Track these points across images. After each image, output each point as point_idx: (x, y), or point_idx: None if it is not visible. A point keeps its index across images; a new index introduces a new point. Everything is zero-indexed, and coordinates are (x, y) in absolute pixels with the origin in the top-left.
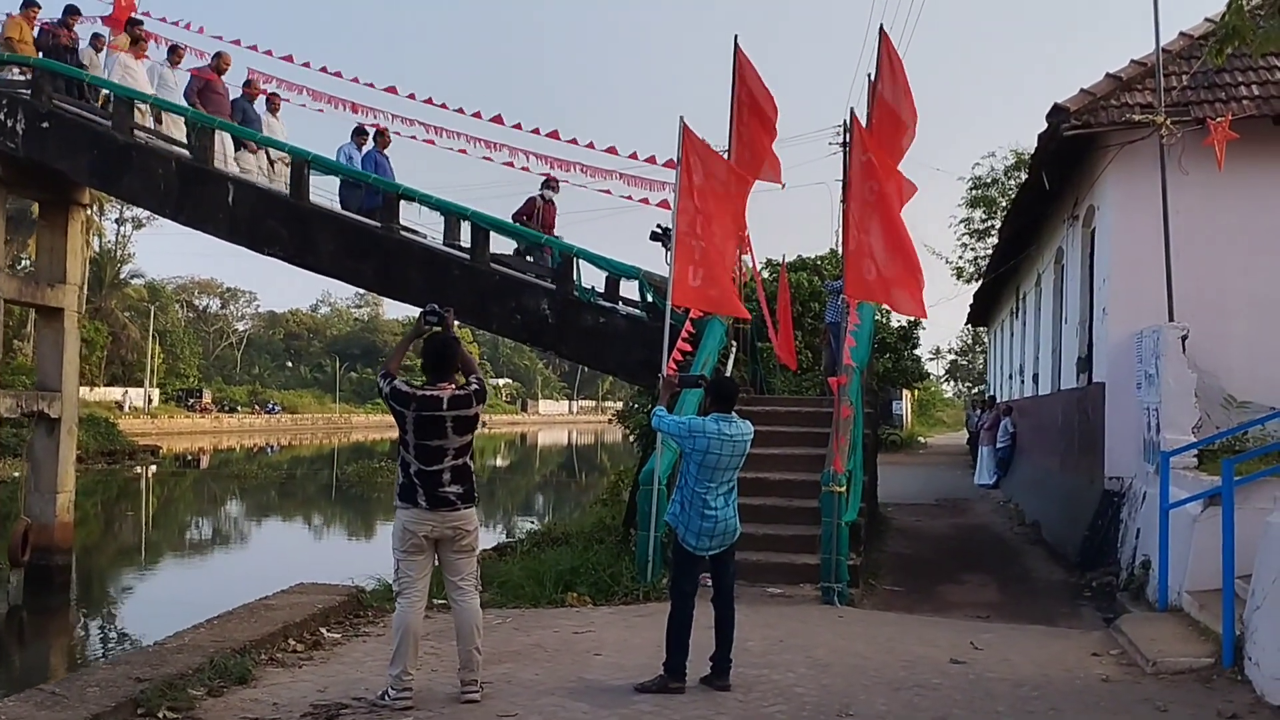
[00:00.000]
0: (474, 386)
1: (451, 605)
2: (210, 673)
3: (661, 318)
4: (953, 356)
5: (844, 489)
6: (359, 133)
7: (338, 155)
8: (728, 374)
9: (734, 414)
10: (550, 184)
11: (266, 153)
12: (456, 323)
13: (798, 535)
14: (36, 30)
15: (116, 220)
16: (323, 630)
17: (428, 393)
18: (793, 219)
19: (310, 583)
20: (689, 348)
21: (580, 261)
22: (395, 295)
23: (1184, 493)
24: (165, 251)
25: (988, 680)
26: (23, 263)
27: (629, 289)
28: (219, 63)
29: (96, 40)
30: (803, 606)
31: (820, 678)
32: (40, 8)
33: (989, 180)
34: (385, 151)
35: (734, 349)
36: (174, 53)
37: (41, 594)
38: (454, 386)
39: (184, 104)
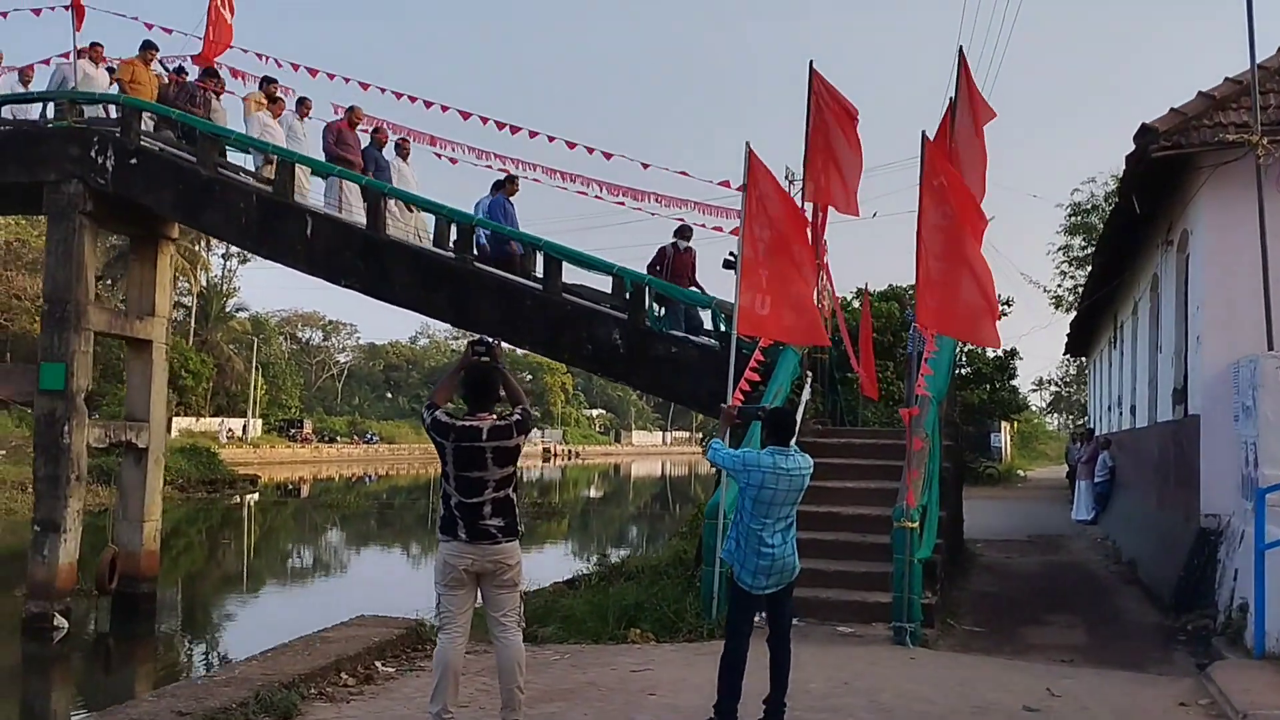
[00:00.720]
0: (515, 417)
1: (494, 642)
2: (255, 707)
3: (738, 348)
4: (1055, 388)
5: (916, 524)
6: (509, 181)
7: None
8: (802, 406)
9: (793, 447)
10: (683, 232)
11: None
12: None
13: (870, 572)
14: (167, 83)
15: (223, 255)
16: (377, 664)
17: (467, 423)
18: (883, 247)
19: (371, 615)
20: (757, 377)
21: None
22: (468, 325)
23: None
24: (270, 285)
25: None
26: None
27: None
28: (351, 115)
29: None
30: (873, 647)
31: None
32: (158, 50)
33: (1089, 206)
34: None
35: (809, 379)
36: (302, 104)
37: (127, 621)
38: (494, 417)
39: (311, 155)
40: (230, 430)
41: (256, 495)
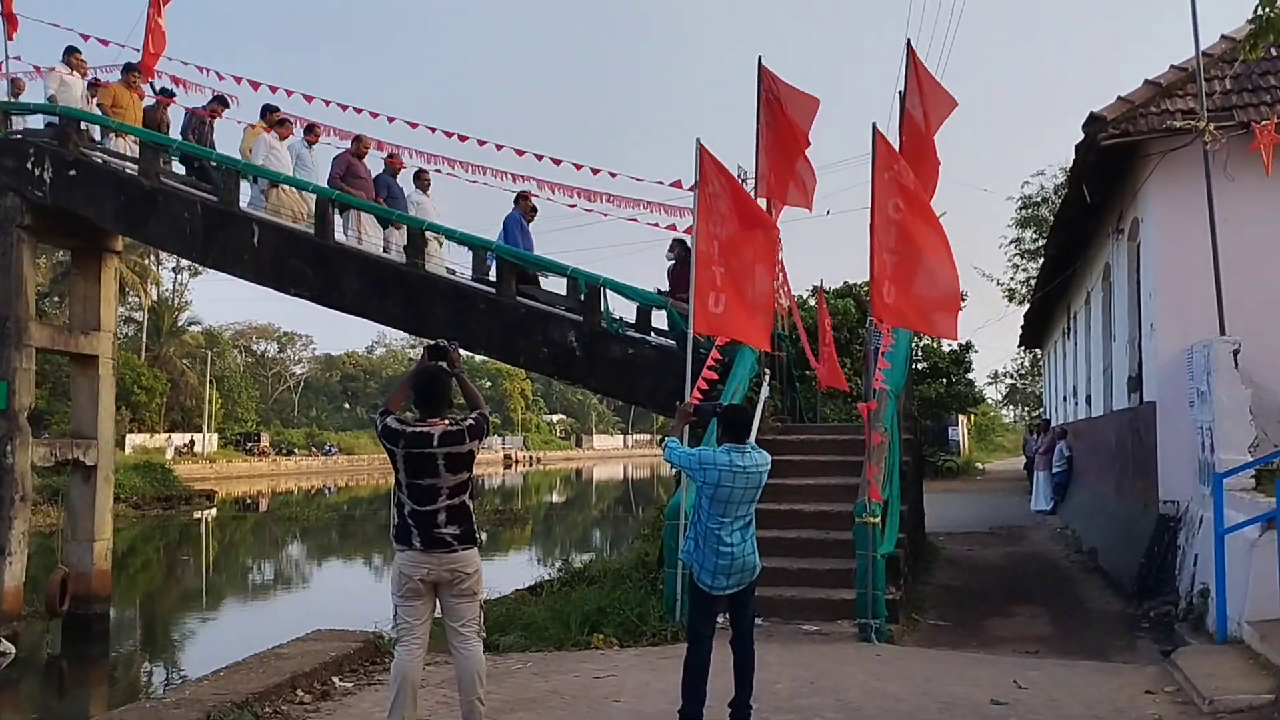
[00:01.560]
0: (469, 422)
1: (453, 653)
2: None
3: (694, 348)
4: (1011, 381)
5: (878, 520)
6: (522, 198)
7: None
8: (761, 403)
9: (750, 444)
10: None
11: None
12: (479, 356)
13: (834, 569)
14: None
15: (174, 269)
16: (334, 679)
17: (418, 429)
18: (840, 244)
19: (328, 629)
20: (715, 376)
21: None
22: (421, 331)
23: (1240, 516)
24: (223, 298)
25: None
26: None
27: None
28: (359, 145)
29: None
30: (838, 644)
31: None
32: (139, 74)
33: (1039, 199)
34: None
35: (768, 377)
36: (310, 131)
37: (80, 644)
38: (447, 422)
39: (318, 182)
40: (180, 445)
41: (214, 511)
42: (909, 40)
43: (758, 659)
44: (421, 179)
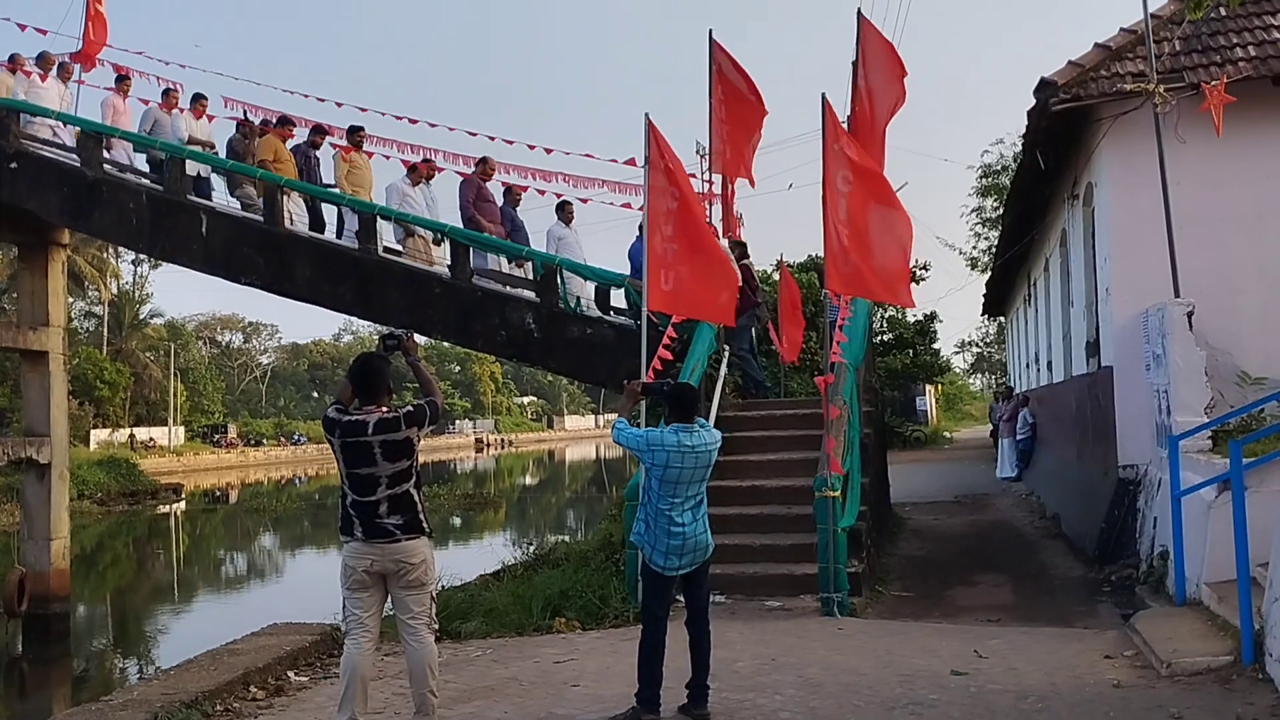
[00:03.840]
0: (406, 409)
1: (404, 645)
2: None
3: (652, 325)
4: (977, 349)
5: (839, 493)
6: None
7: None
8: (720, 380)
9: (699, 422)
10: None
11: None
12: (439, 341)
13: (796, 544)
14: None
15: (133, 261)
16: (289, 674)
17: (353, 418)
18: (803, 218)
19: (285, 622)
20: (670, 356)
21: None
22: (375, 317)
23: (1197, 477)
24: (185, 289)
25: (989, 693)
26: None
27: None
28: (485, 169)
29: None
30: (801, 620)
31: (809, 700)
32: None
33: (999, 168)
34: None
35: (727, 353)
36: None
37: (40, 644)
38: (384, 409)
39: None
40: (145, 440)
41: (182, 504)
42: (859, 10)
43: (720, 637)
44: (565, 211)
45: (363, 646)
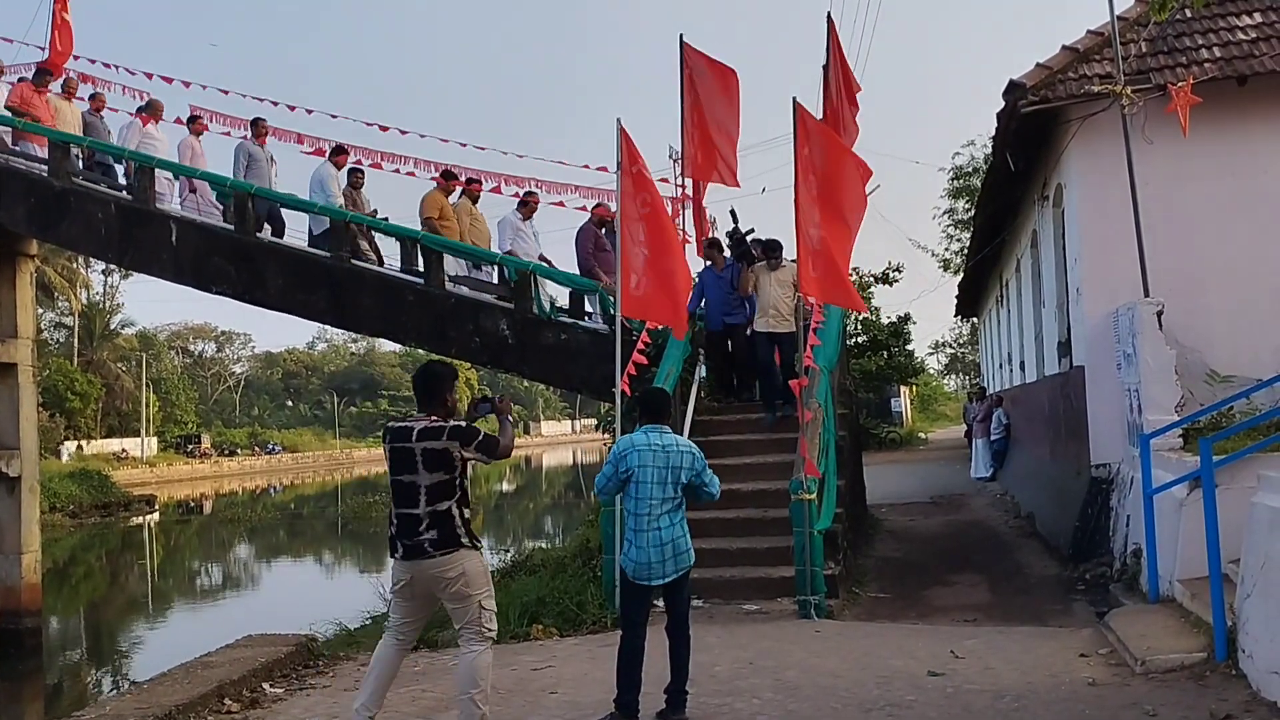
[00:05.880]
0: (455, 423)
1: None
2: None
3: (626, 331)
4: (951, 350)
5: (814, 496)
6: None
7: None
8: (695, 385)
9: (668, 428)
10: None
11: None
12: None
13: (773, 547)
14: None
15: (103, 271)
16: (265, 686)
17: (403, 424)
18: (777, 221)
19: (259, 634)
20: (644, 360)
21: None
22: (349, 325)
23: (1168, 475)
24: (156, 299)
25: (966, 693)
26: None
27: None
28: (600, 214)
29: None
30: (779, 623)
31: (787, 703)
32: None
33: (970, 169)
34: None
35: (702, 358)
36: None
37: (11, 660)
38: (433, 418)
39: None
40: (117, 451)
41: (156, 515)
42: (829, 14)
43: (698, 641)
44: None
45: (390, 646)
